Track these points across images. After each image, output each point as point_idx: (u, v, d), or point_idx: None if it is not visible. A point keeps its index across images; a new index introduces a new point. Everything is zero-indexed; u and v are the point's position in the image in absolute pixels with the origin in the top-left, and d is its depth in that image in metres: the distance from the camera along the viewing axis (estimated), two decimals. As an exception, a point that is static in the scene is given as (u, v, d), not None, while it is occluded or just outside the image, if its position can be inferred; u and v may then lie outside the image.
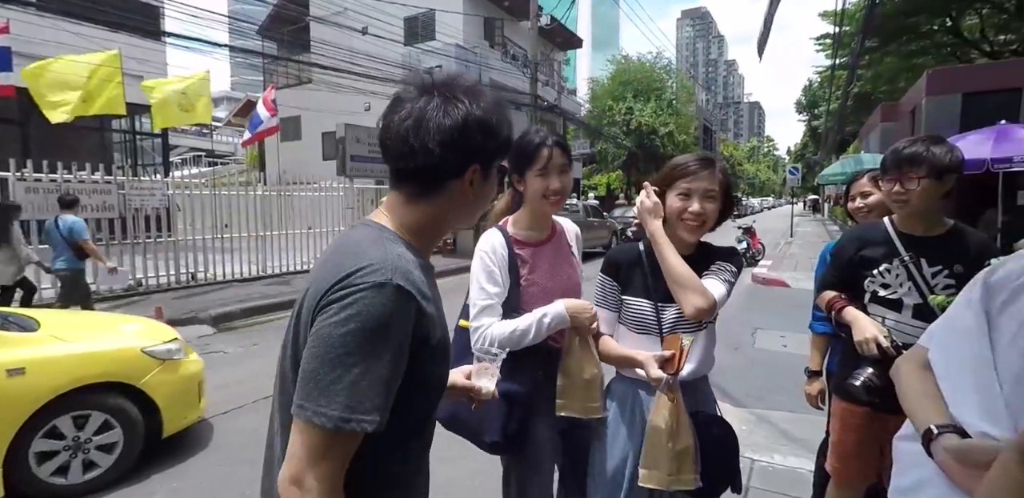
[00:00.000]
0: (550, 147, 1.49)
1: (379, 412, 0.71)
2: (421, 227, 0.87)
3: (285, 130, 21.62)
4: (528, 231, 1.58)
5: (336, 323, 0.70)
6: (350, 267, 0.74)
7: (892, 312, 1.67)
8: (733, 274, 1.48)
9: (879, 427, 1.68)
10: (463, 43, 17.93)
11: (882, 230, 1.72)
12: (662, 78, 29.61)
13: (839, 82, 18.86)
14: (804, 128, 45.87)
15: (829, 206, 31.01)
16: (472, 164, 0.83)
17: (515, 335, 1.42)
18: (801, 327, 5.39)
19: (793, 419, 3.36)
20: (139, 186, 7.99)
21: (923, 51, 17.31)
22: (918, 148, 1.58)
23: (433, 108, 0.80)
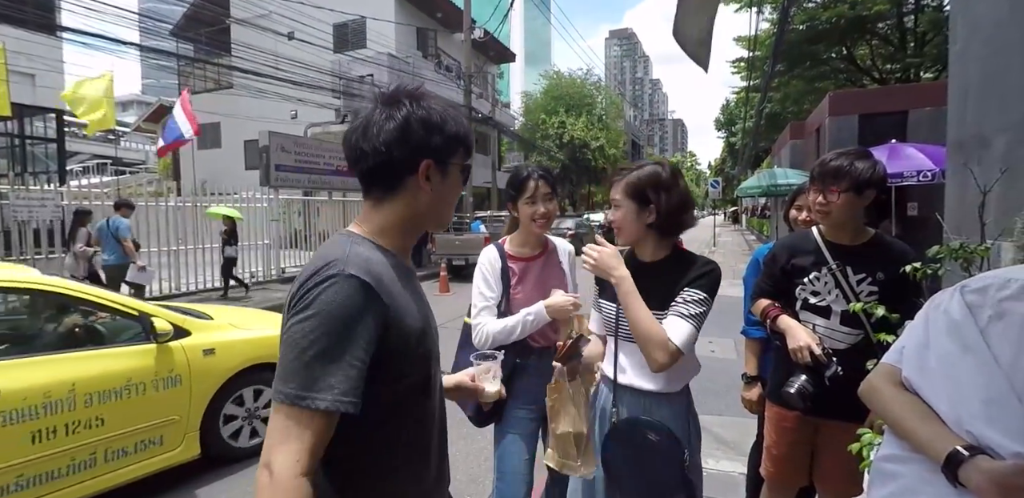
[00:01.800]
0: (536, 179, 1.77)
1: (336, 391, 0.74)
2: (389, 227, 0.93)
3: (203, 138, 20.33)
4: (520, 248, 1.87)
5: (298, 315, 0.78)
6: (312, 269, 0.81)
7: (821, 318, 1.72)
8: (703, 302, 1.40)
9: (810, 431, 1.75)
10: (395, 52, 17.70)
11: (811, 239, 1.78)
12: (592, 94, 30.64)
13: (753, 102, 20.28)
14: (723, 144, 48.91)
15: (747, 217, 33.11)
16: (422, 159, 0.89)
17: (505, 330, 1.71)
18: (728, 332, 5.65)
19: (723, 422, 3.45)
20: (26, 196, 7.15)
21: (823, 76, 19.02)
22: (842, 162, 1.63)
23: (377, 114, 0.89)
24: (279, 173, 10.57)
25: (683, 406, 1.51)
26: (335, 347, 0.76)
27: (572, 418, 1.50)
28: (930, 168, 7.09)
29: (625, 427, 1.48)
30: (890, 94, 11.29)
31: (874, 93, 12.41)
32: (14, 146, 13.52)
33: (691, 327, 1.38)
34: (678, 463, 1.39)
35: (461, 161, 0.96)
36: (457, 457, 3.04)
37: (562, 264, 1.92)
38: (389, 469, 0.89)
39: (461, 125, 0.93)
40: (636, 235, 1.50)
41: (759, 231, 23.25)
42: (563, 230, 16.71)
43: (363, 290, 0.79)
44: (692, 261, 1.48)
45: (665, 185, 1.46)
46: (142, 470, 2.58)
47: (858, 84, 18.49)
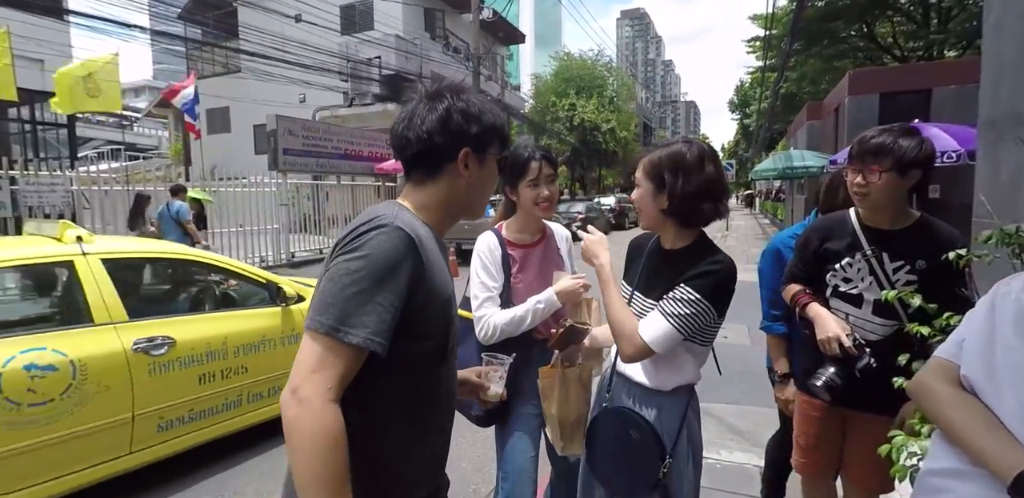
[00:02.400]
0: (538, 160, 1.68)
1: (369, 330, 0.78)
2: (429, 205, 0.98)
3: (213, 122, 20.32)
4: (519, 234, 1.78)
5: (344, 257, 0.83)
6: (360, 221, 0.87)
7: (852, 307, 1.62)
8: (692, 303, 1.25)
9: (839, 421, 1.68)
10: (403, 34, 17.42)
11: (847, 222, 1.66)
12: (603, 75, 30.07)
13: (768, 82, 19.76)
14: (736, 126, 48.05)
15: (760, 200, 32.61)
16: (462, 147, 0.96)
17: (514, 321, 1.62)
18: (741, 318, 5.52)
19: (737, 412, 3.38)
20: (36, 181, 7.17)
21: (842, 55, 18.43)
22: (884, 139, 1.49)
23: (422, 106, 0.97)
24: (287, 157, 10.51)
25: (676, 410, 1.37)
26: (375, 288, 0.80)
27: (560, 403, 1.49)
28: (955, 149, 6.84)
29: (610, 416, 1.43)
30: (913, 72, 10.90)
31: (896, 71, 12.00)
32: (25, 132, 13.59)
33: (668, 326, 1.25)
34: (655, 467, 1.31)
35: (498, 152, 1.02)
36: (463, 445, 3.01)
37: (560, 250, 1.85)
38: (398, 422, 0.91)
39: (498, 118, 1.00)
40: (654, 220, 1.38)
41: (773, 214, 22.89)
42: (573, 214, 16.58)
43: (409, 242, 0.85)
44: (705, 255, 1.32)
45: (686, 168, 1.29)
46: (273, 412, 2.95)
47: (878, 63, 17.90)
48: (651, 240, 1.50)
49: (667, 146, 1.35)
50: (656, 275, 1.40)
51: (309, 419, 0.74)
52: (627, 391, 1.44)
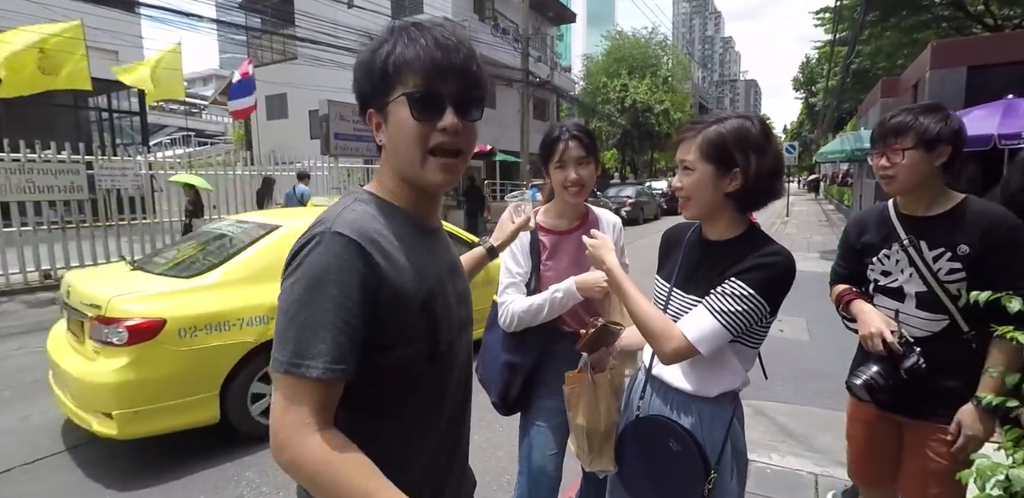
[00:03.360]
0: (565, 140, 1.56)
1: (326, 359, 0.69)
2: (389, 182, 0.85)
3: (271, 108, 21.00)
4: (555, 220, 1.68)
5: (287, 282, 0.74)
6: (304, 230, 0.77)
7: (894, 302, 1.50)
8: (745, 298, 1.11)
9: (890, 429, 1.55)
10: (452, 16, 17.28)
11: (884, 212, 1.55)
12: (658, 54, 28.97)
13: (838, 57, 18.39)
14: (801, 106, 45.30)
15: (825, 185, 30.79)
16: (367, 109, 0.82)
17: (532, 309, 1.55)
18: (799, 310, 5.26)
19: (790, 412, 3.18)
20: (109, 166, 7.62)
21: (924, 25, 16.85)
22: (904, 117, 1.40)
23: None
24: (338, 142, 10.71)
25: (721, 418, 1.23)
26: (322, 311, 0.70)
27: (588, 412, 1.35)
28: (1056, 127, 6.12)
29: (645, 425, 1.29)
30: (1007, 41, 9.80)
31: (987, 41, 10.84)
32: (103, 120, 14.51)
33: (716, 323, 1.11)
34: (699, 484, 1.18)
35: (404, 91, 0.76)
36: (500, 434, 2.98)
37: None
38: (387, 429, 0.83)
39: (402, 45, 0.76)
40: (709, 207, 1.20)
41: (839, 200, 21.55)
42: (623, 198, 16.19)
43: (349, 248, 0.72)
44: (758, 246, 1.17)
45: (756, 144, 1.14)
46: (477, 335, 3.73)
47: (966, 33, 16.26)
48: (689, 231, 1.36)
49: (720, 122, 1.17)
50: (700, 269, 1.26)
51: (299, 461, 0.68)
52: (663, 397, 1.30)
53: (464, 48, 0.78)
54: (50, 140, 6.96)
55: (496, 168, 17.46)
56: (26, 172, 6.67)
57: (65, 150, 7.05)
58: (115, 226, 7.67)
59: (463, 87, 0.78)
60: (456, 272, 0.93)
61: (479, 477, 1.11)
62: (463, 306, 0.92)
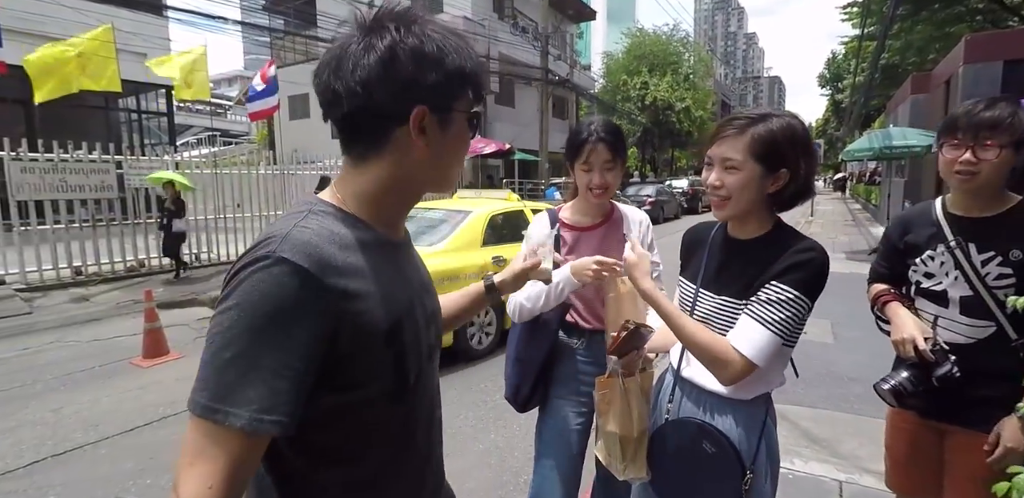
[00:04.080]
0: (593, 143, 1.53)
1: (255, 406, 0.58)
2: (370, 194, 0.73)
3: (294, 108, 21.31)
4: (577, 216, 1.66)
5: (220, 304, 0.62)
6: (249, 247, 0.65)
7: (936, 306, 1.43)
8: (791, 302, 1.08)
9: (932, 437, 1.48)
10: (471, 15, 17.31)
11: (930, 211, 1.47)
12: (679, 51, 28.63)
13: (866, 53, 17.92)
14: (827, 103, 44.29)
15: (852, 183, 30.07)
16: (414, 105, 0.68)
17: (532, 296, 1.53)
18: (824, 313, 5.14)
19: (815, 417, 3.10)
20: (137, 166, 7.81)
21: (957, 18, 16.30)
22: (1000, 111, 1.28)
23: (355, 44, 0.67)
24: (358, 142, 10.82)
25: (755, 420, 1.21)
26: (257, 350, 0.59)
27: (621, 418, 1.30)
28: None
29: (677, 429, 1.26)
30: (1047, 35, 9.43)
31: (1025, 35, 10.45)
32: (132, 120, 14.91)
33: (770, 335, 1.08)
34: (735, 485, 1.15)
35: (468, 108, 0.74)
36: (517, 434, 2.97)
37: (628, 236, 1.65)
38: (352, 484, 0.73)
39: (468, 58, 0.70)
40: (750, 207, 1.17)
41: (866, 199, 21.03)
42: (643, 197, 16.04)
43: (298, 278, 0.60)
44: (790, 243, 1.14)
45: (804, 144, 1.13)
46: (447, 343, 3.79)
47: (1002, 26, 15.69)
48: (712, 231, 1.33)
49: (766, 120, 1.14)
50: (729, 269, 1.23)
51: None
52: (696, 400, 1.27)
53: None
54: (82, 141, 7.16)
55: (515, 166, 17.45)
56: (59, 172, 6.87)
57: (96, 150, 7.25)
58: (143, 224, 7.85)
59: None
60: (426, 289, 0.83)
61: (496, 477, 1.10)
62: (432, 327, 0.81)
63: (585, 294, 1.59)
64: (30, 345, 4.70)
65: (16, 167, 6.56)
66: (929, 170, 11.25)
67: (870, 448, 2.70)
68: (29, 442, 2.96)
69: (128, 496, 2.47)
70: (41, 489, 2.52)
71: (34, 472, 2.66)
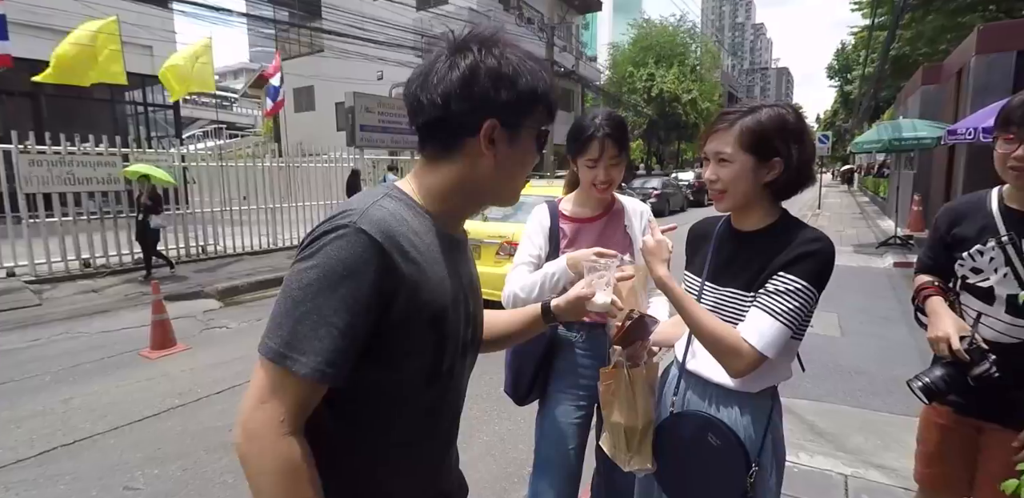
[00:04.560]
0: (601, 139, 1.50)
1: (320, 358, 0.66)
2: (440, 191, 0.81)
3: (299, 100, 21.32)
4: (577, 208, 1.65)
5: (300, 263, 0.70)
6: (329, 215, 0.72)
7: (981, 303, 1.38)
8: (799, 293, 1.09)
9: (968, 434, 1.45)
10: (476, 6, 17.17)
11: (984, 203, 1.40)
12: (686, 42, 28.36)
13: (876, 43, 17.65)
14: (835, 94, 43.78)
15: (860, 176, 29.79)
16: (486, 118, 0.76)
17: (526, 286, 1.52)
18: (831, 305, 5.12)
19: (820, 410, 3.09)
20: (144, 158, 7.82)
21: (970, 7, 16.01)
22: None
23: (441, 61, 0.77)
24: (363, 133, 10.79)
25: (761, 412, 1.21)
26: (330, 307, 0.67)
27: (626, 409, 1.30)
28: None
29: (682, 421, 1.26)
30: (1063, 25, 9.24)
31: (1040, 25, 10.24)
32: (138, 113, 14.93)
33: (779, 326, 1.09)
34: (740, 478, 1.15)
35: (537, 125, 0.81)
36: (522, 428, 2.98)
37: (628, 228, 1.65)
38: (376, 453, 0.79)
39: (541, 80, 0.78)
40: (747, 198, 1.19)
41: (874, 192, 20.84)
42: (648, 190, 15.95)
43: (372, 249, 0.68)
44: (796, 233, 1.15)
45: (795, 133, 1.15)
46: None
47: (1016, 16, 15.42)
48: (718, 224, 1.33)
49: (755, 111, 1.15)
50: (734, 261, 1.23)
51: (260, 457, 0.65)
52: (701, 393, 1.28)
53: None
54: (89, 133, 7.18)
55: (520, 159, 17.40)
56: (67, 164, 6.90)
57: (103, 143, 7.27)
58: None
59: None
60: (474, 290, 0.89)
61: (500, 469, 1.10)
62: (471, 328, 0.87)
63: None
64: (40, 336, 4.75)
65: (24, 160, 6.59)
66: (939, 162, 11.13)
67: (876, 442, 2.69)
68: (40, 432, 3.00)
69: (136, 485, 2.50)
70: (52, 478, 2.55)
71: (45, 461, 2.70)
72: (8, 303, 5.67)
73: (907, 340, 4.14)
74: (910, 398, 1.36)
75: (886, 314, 5.09)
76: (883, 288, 6.13)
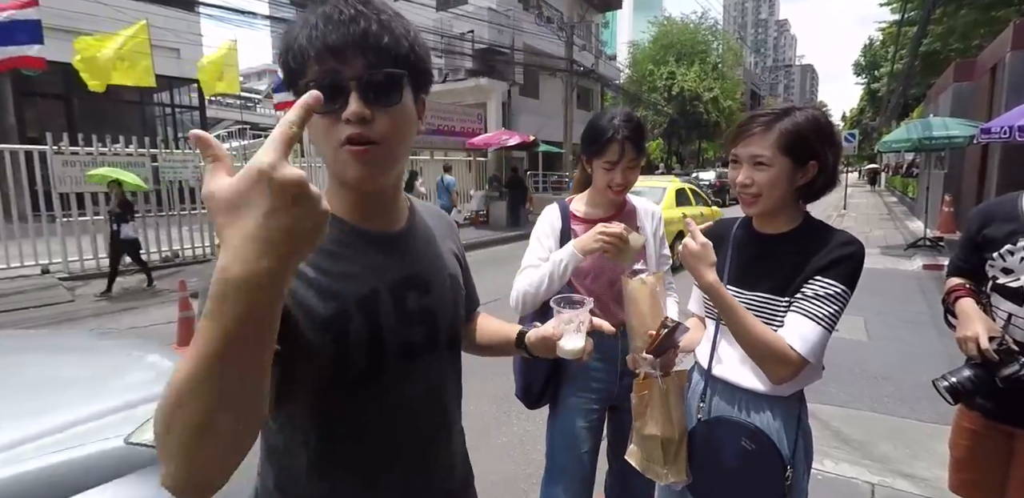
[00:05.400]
0: (621, 142, 1.45)
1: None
2: (329, 187, 0.77)
3: (319, 101, 21.62)
4: (589, 208, 1.62)
5: None
6: None
7: (1011, 304, 1.36)
8: (838, 297, 1.10)
9: (998, 439, 1.43)
10: (495, 6, 17.19)
11: (1014, 204, 1.39)
12: (707, 40, 28.00)
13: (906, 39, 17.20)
14: (862, 92, 42.78)
15: (887, 175, 29.09)
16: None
17: (534, 282, 1.46)
18: (858, 309, 5.01)
19: (846, 416, 3.03)
20: (171, 158, 8.01)
21: (1004, 2, 15.50)
22: None
23: None
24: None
25: (791, 415, 1.21)
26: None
27: (662, 420, 1.26)
28: None
29: (712, 428, 1.25)
30: (1104, 18, 8.90)
31: (1080, 19, 9.86)
32: (166, 114, 15.30)
33: (821, 330, 1.09)
34: (778, 481, 1.15)
35: (297, 81, 0.68)
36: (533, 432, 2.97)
37: (641, 229, 1.62)
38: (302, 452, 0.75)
39: (291, 42, 0.67)
40: (780, 202, 1.18)
41: (902, 192, 20.32)
42: (668, 190, 15.79)
43: None
44: (827, 237, 1.16)
45: (830, 135, 1.15)
46: None
47: (1055, 10, 14.87)
48: (733, 226, 1.33)
49: (790, 114, 1.15)
50: (759, 265, 1.23)
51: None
52: (729, 398, 1.27)
53: (367, 19, 0.65)
54: (119, 134, 7.38)
55: (539, 159, 17.37)
56: (98, 165, 7.10)
57: (132, 144, 7.46)
58: (177, 216, 8.07)
59: (367, 65, 0.65)
60: (416, 286, 0.79)
61: (518, 470, 1.09)
62: (416, 325, 0.78)
63: (595, 289, 1.53)
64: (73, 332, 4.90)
65: (58, 161, 6.81)
66: (972, 162, 10.79)
67: (904, 450, 2.62)
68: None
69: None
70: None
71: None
72: (43, 299, 5.86)
73: (936, 345, 4.03)
74: (940, 405, 1.33)
75: (914, 318, 4.96)
76: (912, 291, 5.99)
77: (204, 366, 0.44)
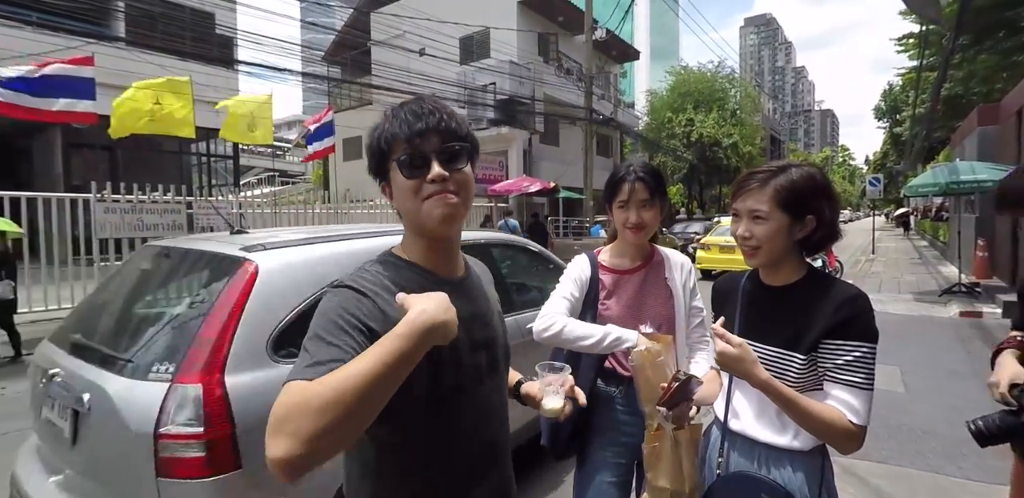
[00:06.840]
0: (631, 182, 1.53)
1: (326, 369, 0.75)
2: (406, 240, 0.98)
3: (348, 150, 22.49)
4: (616, 259, 1.65)
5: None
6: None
7: None
8: (866, 356, 1.10)
9: None
10: (517, 59, 18.02)
11: None
12: (725, 87, 28.64)
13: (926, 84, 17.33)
14: (884, 135, 42.77)
15: (916, 219, 28.49)
16: (382, 184, 0.96)
17: (582, 332, 1.47)
18: (892, 358, 4.78)
19: (887, 473, 2.83)
20: (205, 205, 8.36)
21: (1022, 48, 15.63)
22: None
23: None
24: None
25: (814, 469, 1.18)
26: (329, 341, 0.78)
27: (672, 472, 1.24)
28: None
29: (732, 483, 1.20)
30: None
31: (1101, 63, 9.83)
32: (201, 163, 16.11)
33: (866, 394, 1.11)
34: None
35: (387, 160, 0.93)
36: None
37: (670, 280, 1.63)
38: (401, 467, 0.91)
39: (382, 131, 0.93)
40: (780, 255, 1.21)
41: (933, 236, 19.81)
42: (689, 234, 15.72)
43: (353, 295, 0.84)
44: (830, 291, 1.17)
45: (826, 190, 1.20)
46: None
47: (1075, 54, 14.90)
48: (741, 279, 1.34)
49: (785, 171, 1.20)
50: (768, 317, 1.23)
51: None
52: (747, 453, 1.23)
53: (439, 112, 0.91)
54: (158, 183, 7.77)
55: (559, 205, 17.59)
56: (137, 212, 7.46)
57: (170, 192, 7.84)
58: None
59: (442, 142, 0.90)
60: (479, 321, 0.98)
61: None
62: (481, 353, 0.97)
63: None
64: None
65: (100, 208, 7.16)
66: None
67: (952, 513, 2.43)
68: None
69: None
70: None
71: None
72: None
73: (979, 397, 3.77)
74: (988, 461, 1.29)
75: (954, 368, 4.71)
76: (949, 339, 5.71)
77: (382, 370, 0.69)
